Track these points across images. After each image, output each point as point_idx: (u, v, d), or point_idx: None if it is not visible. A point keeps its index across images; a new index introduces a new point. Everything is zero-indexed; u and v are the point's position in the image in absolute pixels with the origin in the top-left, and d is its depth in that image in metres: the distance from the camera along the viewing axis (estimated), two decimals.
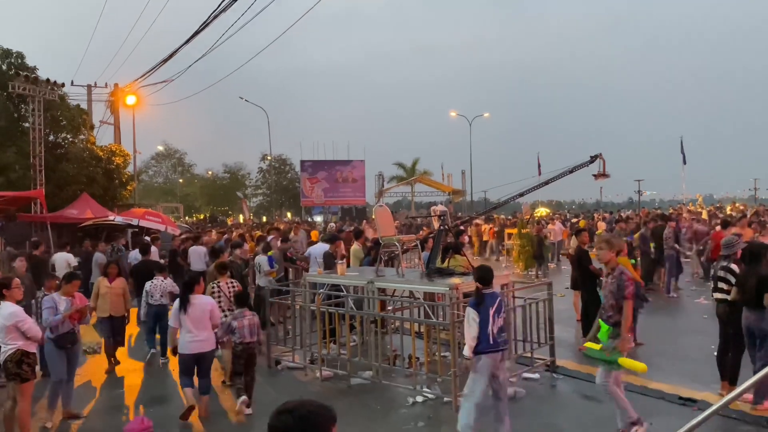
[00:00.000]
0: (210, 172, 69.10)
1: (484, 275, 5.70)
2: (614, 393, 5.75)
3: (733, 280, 6.78)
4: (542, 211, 41.67)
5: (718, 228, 13.83)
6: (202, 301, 6.76)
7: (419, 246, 9.85)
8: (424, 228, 21.64)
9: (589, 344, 5.90)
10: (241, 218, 49.63)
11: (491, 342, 5.44)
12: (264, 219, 49.59)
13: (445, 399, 6.77)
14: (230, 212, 66.13)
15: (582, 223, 22.91)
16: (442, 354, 7.57)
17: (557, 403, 6.90)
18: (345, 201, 51.91)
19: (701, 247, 15.29)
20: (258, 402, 6.89)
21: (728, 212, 28.27)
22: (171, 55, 20.40)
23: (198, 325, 6.62)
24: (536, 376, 7.64)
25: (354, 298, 8.35)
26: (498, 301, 5.60)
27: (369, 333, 8.12)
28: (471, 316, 5.50)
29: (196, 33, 16.77)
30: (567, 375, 7.73)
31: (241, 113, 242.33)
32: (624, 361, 5.52)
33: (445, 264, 9.39)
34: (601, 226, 22.64)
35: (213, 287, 8.09)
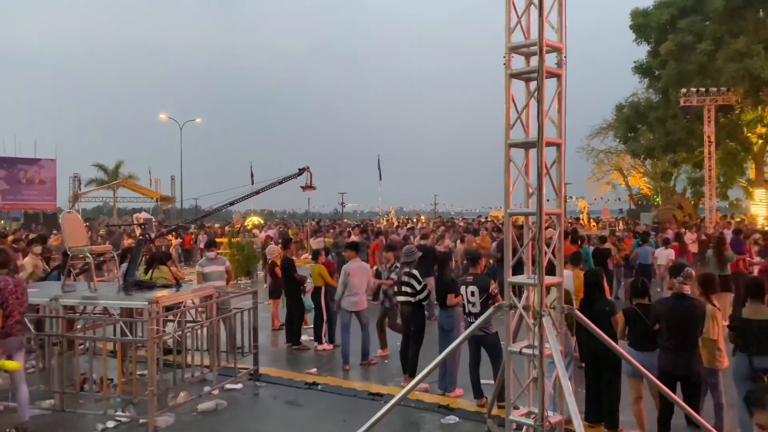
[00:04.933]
0: None
1: None
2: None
3: (416, 283, 7.69)
4: (254, 220, 42.03)
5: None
6: None
7: (115, 257, 9.05)
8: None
9: None
10: None
11: None
12: None
13: (141, 420, 6.32)
14: None
15: (291, 233, 23.72)
16: (138, 373, 7.05)
17: (259, 411, 6.98)
18: (30, 205, 45.32)
19: None
20: None
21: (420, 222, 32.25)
22: None
23: None
24: (239, 386, 7.61)
25: (32, 317, 7.26)
26: None
27: (52, 356, 7.15)
28: None
29: None
30: (270, 382, 7.87)
31: None
32: (1, 363, 5.83)
33: (148, 276, 8.84)
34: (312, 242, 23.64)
35: None
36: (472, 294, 6.77)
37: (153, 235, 9.48)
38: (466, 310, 6.86)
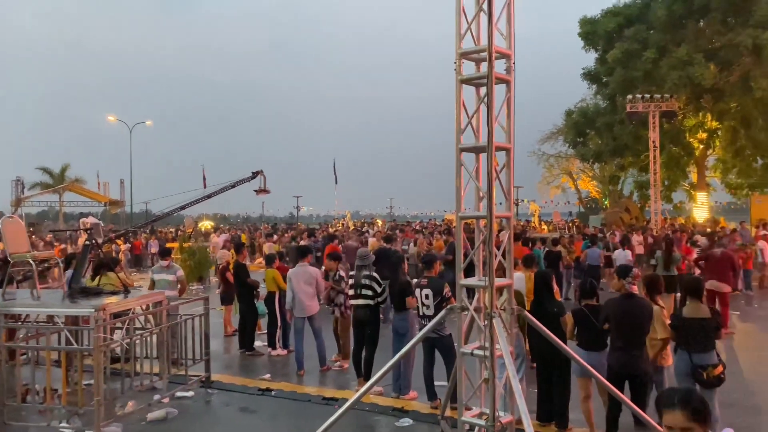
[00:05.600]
0: None
1: None
2: None
3: (377, 286, 7.70)
4: (207, 225, 41.33)
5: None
6: None
7: (60, 263, 8.76)
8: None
9: None
10: None
11: None
12: None
13: None
14: None
15: (243, 238, 23.41)
16: (84, 382, 6.84)
17: (211, 418, 6.85)
18: None
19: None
20: None
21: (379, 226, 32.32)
22: None
23: None
24: (190, 393, 7.46)
25: None
26: None
27: None
28: None
29: None
30: (222, 389, 7.74)
31: None
32: None
33: (95, 282, 8.58)
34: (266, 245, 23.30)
35: None
36: (427, 297, 6.81)
37: (100, 240, 9.22)
38: (420, 313, 6.90)
